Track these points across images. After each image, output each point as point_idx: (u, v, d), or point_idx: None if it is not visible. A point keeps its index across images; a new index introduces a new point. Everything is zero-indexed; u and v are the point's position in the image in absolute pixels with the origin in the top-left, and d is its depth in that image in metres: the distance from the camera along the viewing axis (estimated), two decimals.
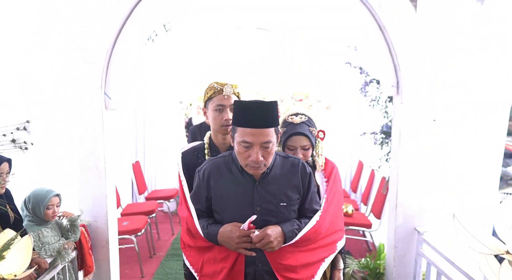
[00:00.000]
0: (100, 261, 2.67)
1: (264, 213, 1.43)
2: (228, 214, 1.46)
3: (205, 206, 1.52)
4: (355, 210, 4.02)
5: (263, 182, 1.44)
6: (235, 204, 1.45)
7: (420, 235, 2.54)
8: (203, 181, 1.49)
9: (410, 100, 2.47)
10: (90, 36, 2.37)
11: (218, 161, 1.51)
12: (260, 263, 1.43)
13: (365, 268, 3.02)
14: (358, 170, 4.85)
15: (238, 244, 1.38)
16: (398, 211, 2.62)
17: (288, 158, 1.53)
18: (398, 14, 2.35)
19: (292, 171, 1.48)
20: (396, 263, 2.67)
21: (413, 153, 2.54)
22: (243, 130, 1.34)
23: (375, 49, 2.46)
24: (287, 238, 1.42)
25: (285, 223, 1.45)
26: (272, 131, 1.36)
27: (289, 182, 1.47)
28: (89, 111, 2.47)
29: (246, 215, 1.40)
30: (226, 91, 1.64)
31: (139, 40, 2.64)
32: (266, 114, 1.33)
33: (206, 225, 1.47)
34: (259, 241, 1.36)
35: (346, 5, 2.45)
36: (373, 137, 2.90)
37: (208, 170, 1.49)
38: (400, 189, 2.59)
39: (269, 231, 1.37)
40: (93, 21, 2.35)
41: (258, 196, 1.44)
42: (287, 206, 1.46)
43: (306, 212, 1.54)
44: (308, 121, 1.69)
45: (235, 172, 1.46)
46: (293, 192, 1.47)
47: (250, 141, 1.33)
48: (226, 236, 1.40)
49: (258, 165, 1.36)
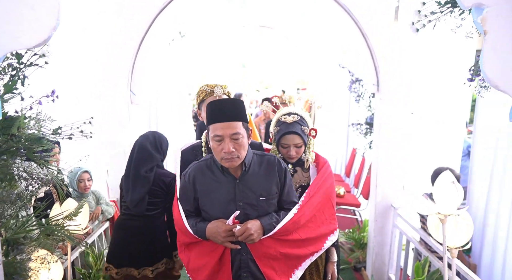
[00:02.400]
0: None
1: (245, 208, 1.54)
2: (214, 211, 1.57)
3: (194, 207, 1.63)
4: (347, 192, 4.52)
5: (243, 179, 1.56)
6: (219, 201, 1.56)
7: (395, 210, 3.03)
8: (189, 183, 1.60)
9: (388, 96, 2.92)
10: (119, 44, 2.83)
11: (200, 164, 1.62)
12: (244, 252, 1.56)
13: (351, 239, 3.53)
14: (351, 157, 5.33)
15: (224, 238, 1.49)
16: (378, 190, 3.10)
17: (264, 156, 1.64)
18: (378, 24, 2.78)
19: (269, 168, 1.59)
20: (376, 233, 3.17)
21: (390, 141, 2.99)
22: (213, 126, 1.47)
23: (359, 53, 2.89)
24: (265, 230, 1.53)
25: (264, 217, 1.56)
26: (240, 125, 1.47)
27: (267, 178, 1.58)
28: (118, 106, 2.95)
29: (230, 210, 1.52)
30: (216, 92, 1.71)
31: (159, 45, 3.10)
32: (233, 109, 1.47)
33: (195, 223, 1.58)
34: (241, 235, 1.47)
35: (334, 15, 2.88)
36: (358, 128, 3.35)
37: (192, 173, 1.60)
38: (380, 171, 3.06)
39: (249, 225, 1.49)
40: (122, 31, 2.81)
41: (239, 192, 1.55)
42: (266, 200, 1.57)
43: (283, 204, 1.64)
44: (300, 120, 1.77)
45: (217, 172, 1.57)
46: (271, 186, 1.58)
47: (220, 134, 1.44)
48: (213, 231, 1.51)
49: (231, 156, 1.46)
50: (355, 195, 4.58)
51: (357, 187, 4.71)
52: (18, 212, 1.62)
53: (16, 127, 1.50)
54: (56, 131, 1.65)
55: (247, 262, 1.56)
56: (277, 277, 1.57)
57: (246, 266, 1.56)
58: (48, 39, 1.25)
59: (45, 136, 1.62)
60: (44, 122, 1.55)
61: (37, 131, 1.58)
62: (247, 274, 1.56)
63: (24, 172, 1.63)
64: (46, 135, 1.62)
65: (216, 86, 1.74)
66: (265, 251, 1.55)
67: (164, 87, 5.36)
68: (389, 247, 3.15)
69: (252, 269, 1.56)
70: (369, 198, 4.12)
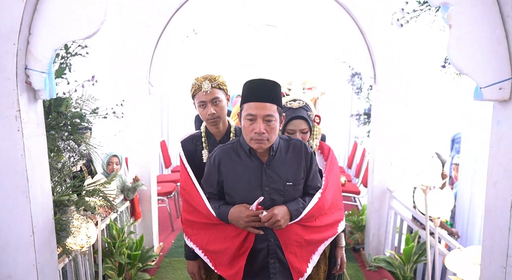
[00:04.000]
0: (145, 211, 3.50)
1: (272, 193, 1.51)
2: (239, 195, 1.53)
3: (217, 190, 1.60)
4: (348, 181, 4.78)
5: (270, 164, 1.52)
6: (245, 186, 1.52)
7: (390, 193, 3.30)
8: (214, 166, 1.56)
9: (383, 88, 3.18)
10: (140, 40, 3.13)
11: (227, 147, 1.58)
12: (272, 239, 1.53)
13: (351, 222, 3.80)
14: (353, 149, 5.59)
15: (247, 223, 1.46)
16: (375, 175, 3.36)
17: (290, 140, 1.61)
18: (375, 23, 3.05)
19: (296, 152, 1.56)
20: (373, 215, 3.43)
21: (386, 129, 3.26)
22: (248, 105, 1.44)
23: (358, 49, 3.16)
24: (292, 216, 1.50)
25: (291, 202, 1.52)
26: (275, 108, 1.44)
27: (294, 163, 1.54)
28: (138, 96, 3.26)
29: (255, 195, 1.49)
30: (204, 88, 1.66)
31: (174, 42, 3.39)
32: (269, 90, 1.44)
33: (218, 206, 1.55)
34: (267, 220, 1.44)
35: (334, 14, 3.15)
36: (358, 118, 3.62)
37: (218, 156, 1.56)
38: (376, 157, 3.33)
39: (276, 211, 1.45)
40: (142, 29, 3.11)
41: (266, 177, 1.51)
42: (293, 185, 1.53)
43: (308, 190, 1.61)
44: (305, 106, 1.78)
45: (244, 157, 1.54)
46: (298, 172, 1.54)
47: (254, 113, 1.41)
48: (236, 215, 1.48)
49: (261, 137, 1.42)
50: (355, 184, 4.85)
51: (358, 177, 4.98)
52: (64, 178, 1.92)
53: (64, 106, 1.80)
54: (94, 111, 1.95)
55: (274, 249, 1.54)
56: (298, 263, 1.56)
57: (274, 252, 1.54)
58: (97, 32, 1.55)
59: (85, 114, 1.92)
60: (88, 101, 1.85)
61: (80, 110, 1.89)
62: (275, 260, 1.55)
63: (68, 145, 1.93)
64: (86, 114, 1.93)
65: (204, 81, 1.68)
66: (291, 238, 1.53)
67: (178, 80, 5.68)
68: (385, 228, 3.41)
69: (280, 256, 1.55)
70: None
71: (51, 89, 1.60)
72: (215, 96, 1.68)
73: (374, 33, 3.07)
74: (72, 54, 1.85)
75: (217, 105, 1.69)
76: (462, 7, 1.43)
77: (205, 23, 3.41)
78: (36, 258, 1.62)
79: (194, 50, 5.23)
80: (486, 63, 1.44)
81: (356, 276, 3.25)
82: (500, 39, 1.42)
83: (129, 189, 3.14)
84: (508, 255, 1.49)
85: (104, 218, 2.77)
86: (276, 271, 1.55)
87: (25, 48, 1.49)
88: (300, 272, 1.56)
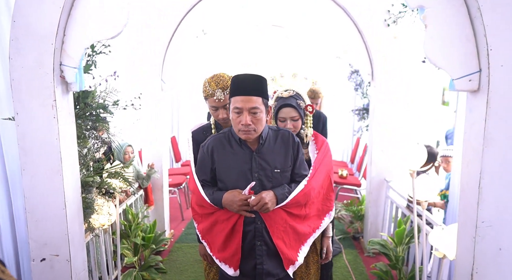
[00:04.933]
0: (157, 200, 3.76)
1: (261, 179, 1.60)
2: (230, 181, 1.62)
3: (210, 177, 1.68)
4: (350, 174, 4.99)
5: (259, 152, 1.61)
6: (236, 172, 1.61)
7: (387, 183, 3.50)
8: (208, 154, 1.65)
9: (380, 84, 3.39)
10: (154, 40, 3.39)
11: (219, 136, 1.68)
12: (259, 221, 1.62)
13: (351, 212, 4.00)
14: (355, 145, 5.78)
15: (240, 207, 1.55)
16: (372, 166, 3.57)
17: (279, 130, 1.70)
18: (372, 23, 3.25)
19: (283, 141, 1.66)
20: (371, 204, 3.64)
21: (383, 122, 3.46)
22: (234, 99, 1.53)
23: (357, 47, 3.37)
24: (278, 200, 1.59)
25: (277, 187, 1.62)
26: (260, 101, 1.52)
27: (282, 151, 1.64)
28: (152, 92, 3.52)
29: (246, 181, 1.58)
30: (217, 96, 1.76)
31: (185, 41, 3.65)
32: (254, 84, 1.52)
33: (211, 192, 1.64)
34: (256, 204, 1.53)
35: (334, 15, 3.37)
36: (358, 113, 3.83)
37: (211, 145, 1.65)
38: (374, 149, 3.53)
39: (263, 195, 1.55)
40: (155, 30, 3.37)
41: (256, 164, 1.60)
42: (281, 172, 1.63)
43: (295, 177, 1.70)
44: (296, 95, 1.86)
45: (235, 145, 1.63)
46: (285, 159, 1.64)
47: (240, 106, 1.50)
48: (230, 200, 1.56)
49: (248, 128, 1.52)
50: (357, 177, 5.05)
51: (360, 171, 5.18)
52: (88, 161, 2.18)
53: (90, 98, 2.06)
54: (115, 103, 2.21)
55: (261, 231, 1.62)
56: (286, 249, 1.64)
57: (260, 235, 1.62)
58: (120, 33, 1.80)
59: (108, 105, 2.18)
60: (111, 94, 2.11)
61: (103, 101, 2.14)
62: (261, 242, 1.62)
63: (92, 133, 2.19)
64: (109, 105, 2.19)
65: (217, 88, 1.76)
66: (277, 222, 1.62)
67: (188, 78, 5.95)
68: (382, 216, 3.61)
69: (266, 238, 1.63)
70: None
71: (80, 83, 1.86)
72: (227, 102, 1.75)
73: (371, 33, 3.27)
74: (97, 52, 2.11)
75: (228, 110, 1.74)
76: (436, 9, 1.64)
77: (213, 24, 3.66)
78: (67, 228, 1.88)
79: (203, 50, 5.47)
80: (457, 58, 1.66)
81: (354, 261, 3.46)
82: (469, 37, 1.64)
83: (144, 177, 3.40)
84: (477, 226, 1.70)
85: (121, 203, 3.03)
86: (262, 253, 1.62)
87: (60, 47, 1.75)
88: (290, 260, 1.65)
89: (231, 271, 1.63)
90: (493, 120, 1.61)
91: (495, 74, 1.58)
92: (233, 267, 1.63)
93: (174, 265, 3.36)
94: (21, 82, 1.72)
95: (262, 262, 1.62)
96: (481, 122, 1.64)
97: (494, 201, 1.66)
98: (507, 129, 1.60)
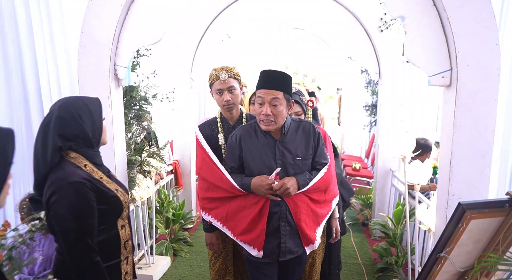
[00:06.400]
0: (185, 183, 4.26)
1: (283, 166, 1.73)
2: (256, 168, 1.75)
3: (238, 164, 1.81)
4: (364, 168, 5.31)
5: (282, 141, 1.75)
6: (261, 159, 1.75)
7: (392, 173, 3.82)
8: (236, 142, 1.79)
9: (386, 82, 3.72)
10: (185, 44, 3.88)
11: (247, 126, 1.82)
12: (283, 205, 1.74)
13: (360, 200, 4.34)
14: (371, 141, 6.08)
15: (267, 190, 1.68)
16: (379, 157, 3.90)
17: (301, 122, 1.83)
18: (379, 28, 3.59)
19: (305, 132, 1.79)
20: (377, 192, 3.97)
21: (389, 117, 3.79)
22: (259, 91, 1.68)
23: (365, 49, 3.71)
24: (300, 185, 1.72)
25: (299, 174, 1.75)
26: (281, 95, 1.65)
27: (303, 141, 1.77)
28: (182, 89, 4.01)
29: (270, 167, 1.71)
30: (221, 77, 1.86)
31: (211, 44, 4.12)
32: (278, 79, 1.66)
33: (241, 178, 1.77)
34: (279, 188, 1.65)
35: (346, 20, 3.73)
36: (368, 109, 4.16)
37: (239, 134, 1.80)
38: (381, 142, 3.86)
39: (285, 180, 1.67)
40: (186, 34, 3.86)
41: (279, 152, 1.74)
42: (302, 160, 1.76)
43: (316, 165, 1.83)
44: (298, 91, 2.09)
45: (260, 135, 1.77)
46: (306, 148, 1.77)
47: (262, 96, 1.64)
48: (258, 184, 1.70)
49: (268, 118, 1.65)
50: (370, 170, 5.36)
51: (373, 165, 5.48)
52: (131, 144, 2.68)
53: (135, 91, 2.56)
54: (154, 96, 2.70)
55: (285, 213, 1.74)
56: (308, 230, 1.78)
57: (284, 217, 1.74)
58: (159, 40, 2.27)
59: (148, 98, 2.67)
60: (151, 88, 2.60)
61: (145, 94, 2.64)
62: (285, 223, 1.75)
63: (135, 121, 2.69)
64: (149, 97, 2.68)
65: (222, 71, 1.88)
66: (300, 206, 1.74)
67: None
68: (388, 203, 3.94)
69: (290, 220, 1.75)
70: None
71: (129, 79, 2.36)
72: (231, 85, 1.88)
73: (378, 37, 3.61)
74: (141, 55, 2.60)
75: (232, 93, 1.89)
76: (414, 18, 2.01)
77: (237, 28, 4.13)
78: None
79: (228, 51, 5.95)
80: (432, 59, 2.01)
81: (361, 243, 3.81)
82: (441, 41, 1.99)
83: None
84: (449, 198, 2.04)
85: (156, 184, 3.54)
86: (286, 233, 1.76)
87: (115, 52, 2.25)
88: (310, 240, 1.79)
89: (255, 252, 1.75)
90: (460, 111, 1.96)
91: (462, 72, 1.92)
92: (257, 247, 1.74)
93: (200, 240, 3.83)
94: (86, 78, 2.23)
95: (285, 241, 1.76)
96: (452, 112, 1.99)
97: (462, 177, 2.00)
98: (472, 118, 1.95)
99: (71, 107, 1.34)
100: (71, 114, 1.33)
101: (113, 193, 1.40)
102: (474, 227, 1.41)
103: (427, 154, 3.17)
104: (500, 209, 1.37)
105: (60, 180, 1.27)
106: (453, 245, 1.44)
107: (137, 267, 3.08)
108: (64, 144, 1.32)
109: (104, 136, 1.48)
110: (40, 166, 1.31)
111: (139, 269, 3.06)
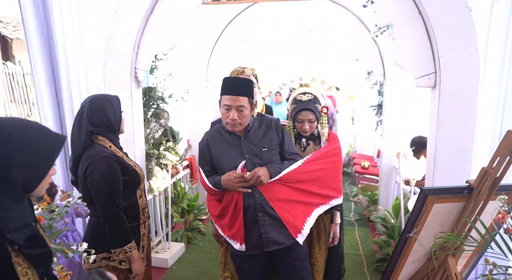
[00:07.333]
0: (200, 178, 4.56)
1: (252, 158, 1.84)
2: (226, 165, 1.85)
3: (210, 166, 1.93)
4: (373, 166, 5.47)
5: (246, 136, 1.88)
6: (230, 156, 1.85)
7: (396, 170, 3.98)
8: (205, 146, 1.93)
9: (390, 83, 3.88)
10: (200, 48, 4.18)
11: (211, 131, 1.98)
12: (257, 194, 1.79)
13: (366, 196, 4.52)
14: None
15: (236, 184, 1.77)
16: (384, 155, 4.06)
17: (263, 119, 1.97)
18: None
19: (267, 126, 1.93)
20: (382, 189, 4.14)
21: (393, 117, 3.95)
22: (224, 97, 1.79)
23: (371, 52, 3.89)
24: (272, 173, 1.80)
25: (269, 164, 1.83)
26: (246, 100, 1.78)
27: (266, 134, 1.91)
28: (198, 90, 4.31)
29: (239, 162, 1.80)
30: (246, 72, 2.05)
31: (226, 48, 4.40)
32: (242, 86, 1.79)
33: (213, 178, 1.88)
34: (251, 178, 1.75)
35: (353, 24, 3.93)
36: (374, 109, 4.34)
37: (206, 138, 1.95)
38: (385, 140, 4.02)
39: (256, 170, 1.77)
40: (202, 39, 4.15)
41: (245, 146, 1.86)
42: (268, 150, 1.87)
43: (286, 155, 1.94)
44: (314, 99, 2.05)
45: (225, 135, 1.91)
46: (271, 140, 1.89)
47: (228, 104, 1.77)
48: (226, 180, 1.78)
49: (234, 123, 1.78)
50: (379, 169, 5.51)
51: None
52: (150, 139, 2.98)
53: (153, 92, 2.86)
54: (170, 96, 3.00)
55: (260, 203, 1.79)
56: (292, 219, 1.82)
57: (260, 206, 1.79)
58: (174, 46, 2.56)
59: (165, 98, 2.97)
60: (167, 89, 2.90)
61: (162, 94, 2.94)
62: (262, 213, 1.79)
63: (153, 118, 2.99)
64: (165, 97, 2.98)
65: (246, 68, 2.06)
66: (276, 194, 1.81)
67: None
68: (392, 200, 4.10)
69: (266, 209, 1.79)
70: None
71: (147, 81, 2.66)
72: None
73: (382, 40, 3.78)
74: (158, 59, 2.91)
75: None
76: (400, 26, 2.21)
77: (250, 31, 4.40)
78: None
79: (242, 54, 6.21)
80: (418, 62, 2.20)
81: (364, 237, 3.99)
82: (426, 46, 2.18)
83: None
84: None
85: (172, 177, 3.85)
86: (265, 223, 1.79)
87: (136, 57, 2.55)
88: (296, 228, 1.82)
89: (238, 245, 1.83)
90: (443, 110, 2.14)
91: (445, 74, 2.11)
92: (239, 241, 1.81)
93: None
94: (111, 81, 2.54)
95: (266, 231, 1.79)
96: (436, 112, 2.18)
97: (446, 171, 2.19)
98: (453, 117, 2.13)
99: (99, 101, 1.71)
100: (98, 106, 1.69)
101: (132, 167, 1.76)
102: (438, 211, 1.62)
103: (423, 151, 3.32)
104: (460, 195, 1.57)
105: (93, 155, 1.63)
106: (420, 226, 1.65)
107: (154, 251, 3.39)
108: (94, 129, 1.67)
109: (122, 125, 1.85)
110: (76, 146, 1.67)
111: (156, 253, 3.37)
